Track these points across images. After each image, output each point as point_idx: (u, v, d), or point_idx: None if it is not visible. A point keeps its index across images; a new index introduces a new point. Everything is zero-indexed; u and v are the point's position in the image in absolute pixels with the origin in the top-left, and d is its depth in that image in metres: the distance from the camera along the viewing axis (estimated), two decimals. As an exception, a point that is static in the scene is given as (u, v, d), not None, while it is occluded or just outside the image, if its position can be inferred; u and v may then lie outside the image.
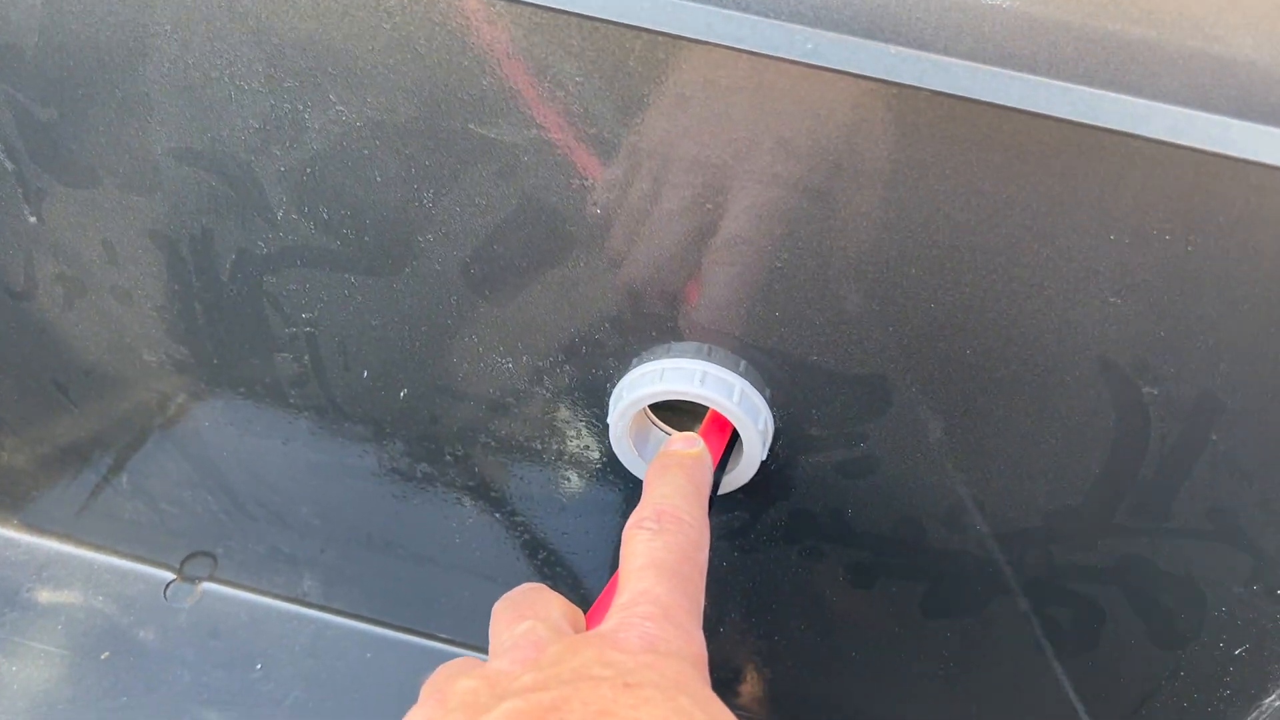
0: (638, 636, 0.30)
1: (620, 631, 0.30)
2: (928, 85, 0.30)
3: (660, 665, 0.28)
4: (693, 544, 0.34)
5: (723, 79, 0.34)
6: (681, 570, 0.33)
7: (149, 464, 0.56)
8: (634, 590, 0.32)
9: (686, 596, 0.32)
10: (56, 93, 0.40)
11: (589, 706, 0.26)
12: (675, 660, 0.29)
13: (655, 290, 0.40)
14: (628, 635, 0.30)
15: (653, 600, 0.31)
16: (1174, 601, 0.45)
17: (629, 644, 0.29)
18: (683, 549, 0.34)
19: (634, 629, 0.30)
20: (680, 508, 0.35)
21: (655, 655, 0.29)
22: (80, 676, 0.58)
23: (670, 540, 0.34)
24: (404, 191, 0.39)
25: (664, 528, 0.34)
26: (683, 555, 0.33)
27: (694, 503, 0.36)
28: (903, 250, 0.36)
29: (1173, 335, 0.36)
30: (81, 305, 0.48)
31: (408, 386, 0.47)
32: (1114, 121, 0.30)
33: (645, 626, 0.30)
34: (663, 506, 0.35)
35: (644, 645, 0.29)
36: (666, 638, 0.30)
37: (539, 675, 0.28)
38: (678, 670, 0.29)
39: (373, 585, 0.59)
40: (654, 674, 0.28)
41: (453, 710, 0.29)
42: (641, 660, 0.28)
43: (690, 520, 0.35)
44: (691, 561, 0.33)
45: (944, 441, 0.42)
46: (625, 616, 0.31)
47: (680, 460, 0.39)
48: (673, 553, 0.33)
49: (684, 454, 0.39)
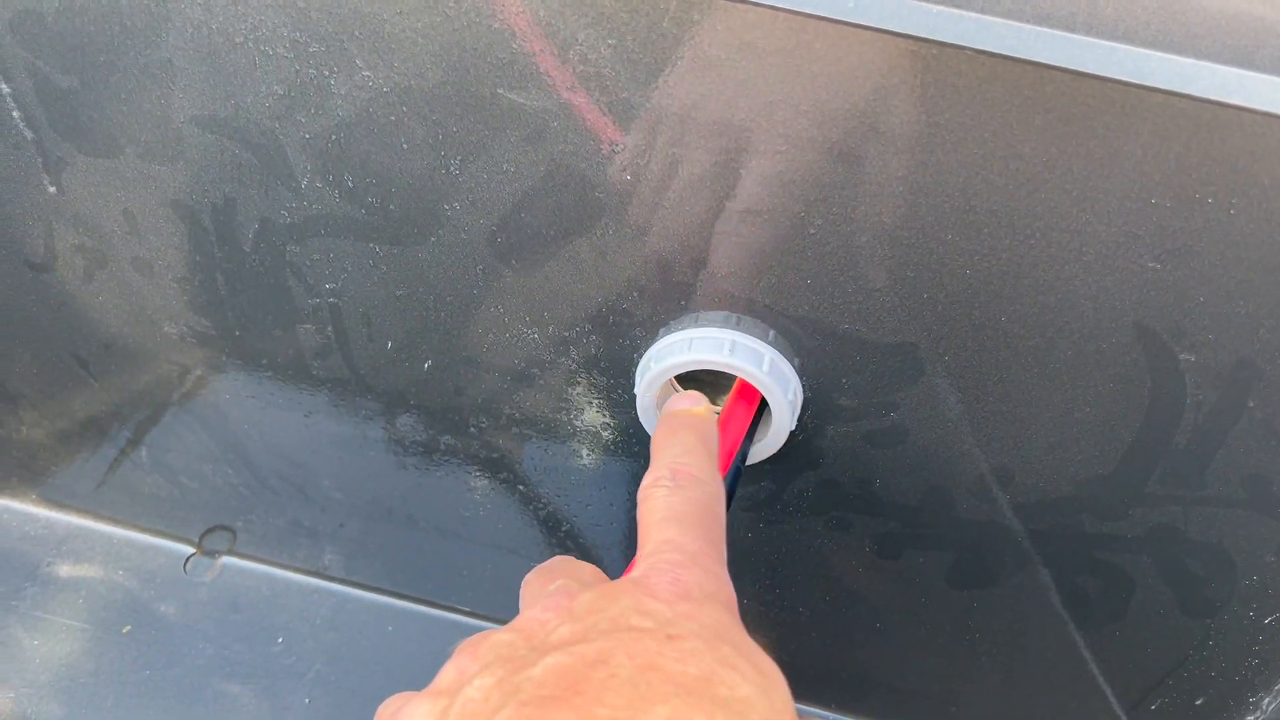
0: (669, 582, 0.29)
1: (651, 577, 0.30)
2: (971, 44, 0.30)
3: (698, 614, 0.28)
4: (711, 496, 0.34)
5: (758, 40, 0.33)
6: (703, 521, 0.33)
7: (169, 438, 0.56)
8: (657, 539, 0.31)
9: (710, 544, 0.32)
10: (77, 60, 0.39)
11: (635, 659, 0.26)
12: (711, 606, 0.29)
13: (684, 258, 0.40)
14: (659, 581, 0.29)
15: (677, 547, 0.31)
16: (1204, 570, 0.45)
17: (662, 591, 0.29)
18: (701, 502, 0.33)
19: (664, 574, 0.30)
20: (693, 465, 0.35)
21: (690, 602, 0.29)
22: (101, 650, 0.58)
23: (688, 494, 0.34)
24: (430, 159, 0.39)
25: (680, 484, 0.34)
26: (702, 508, 0.33)
27: (706, 460, 0.36)
28: (938, 215, 0.36)
29: (1212, 301, 0.36)
30: (102, 277, 0.47)
31: (432, 358, 0.46)
32: (1161, 81, 0.30)
33: (675, 572, 0.30)
34: (676, 465, 0.35)
35: (677, 592, 0.29)
36: (698, 582, 0.30)
37: (576, 626, 0.28)
38: (715, 617, 0.28)
39: (394, 558, 0.59)
40: (694, 624, 0.28)
41: (489, 664, 0.28)
42: (679, 609, 0.28)
43: (705, 477, 0.35)
44: (711, 513, 0.33)
45: (975, 410, 0.41)
46: (653, 563, 0.30)
47: (688, 420, 0.38)
48: (692, 505, 0.33)
49: (691, 412, 0.39)
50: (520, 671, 0.27)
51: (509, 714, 0.26)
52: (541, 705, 0.25)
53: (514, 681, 0.27)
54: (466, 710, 0.27)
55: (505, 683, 0.27)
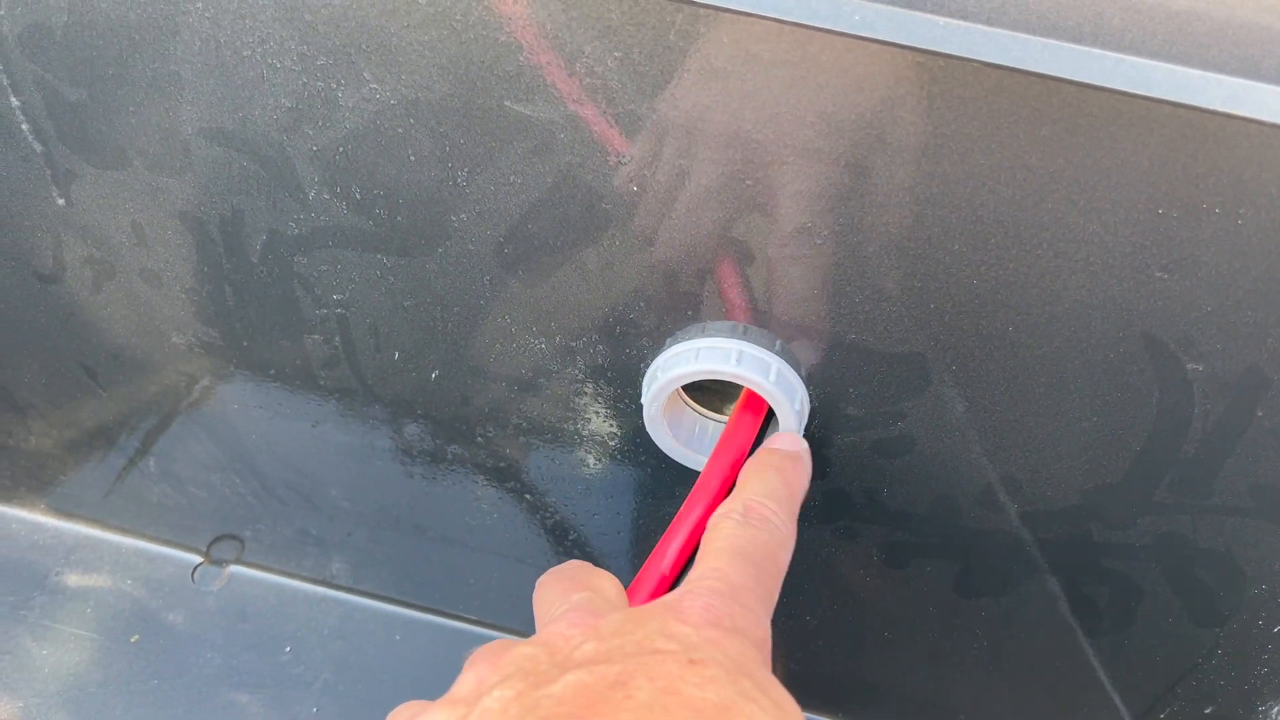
0: (702, 608, 0.29)
1: (685, 601, 0.29)
2: (978, 57, 0.30)
3: (724, 642, 0.28)
4: (777, 543, 0.34)
5: (765, 52, 0.33)
6: (759, 562, 0.32)
7: (177, 447, 0.56)
8: (706, 567, 0.31)
9: (759, 584, 0.32)
10: (86, 73, 0.39)
11: (655, 683, 0.26)
12: (739, 639, 0.29)
13: (690, 269, 0.40)
14: (691, 605, 0.29)
15: (721, 577, 0.31)
16: (1213, 579, 0.44)
17: (692, 615, 0.29)
18: (766, 545, 0.33)
19: (699, 599, 0.29)
20: (770, 508, 0.35)
21: (718, 630, 0.28)
22: (110, 660, 0.58)
23: (755, 535, 0.33)
24: (438, 170, 0.39)
25: (749, 522, 0.34)
26: (765, 551, 0.33)
27: (785, 507, 0.36)
28: (945, 226, 0.36)
29: (1220, 310, 0.36)
30: (110, 288, 0.48)
31: (439, 368, 0.46)
32: (1168, 92, 0.30)
33: (710, 599, 0.30)
34: (751, 503, 0.35)
35: (707, 618, 0.29)
36: (731, 613, 0.29)
37: (601, 645, 0.28)
38: (741, 649, 0.28)
39: (402, 567, 0.59)
40: (718, 651, 0.28)
41: (510, 676, 0.28)
42: (705, 635, 0.28)
43: (778, 522, 0.35)
44: (771, 557, 0.33)
45: (983, 420, 0.41)
46: (691, 588, 0.30)
47: (780, 462, 0.38)
48: (754, 545, 0.33)
49: (785, 454, 0.39)
50: (541, 687, 0.27)
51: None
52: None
53: (534, 696, 0.27)
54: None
55: (525, 696, 0.27)
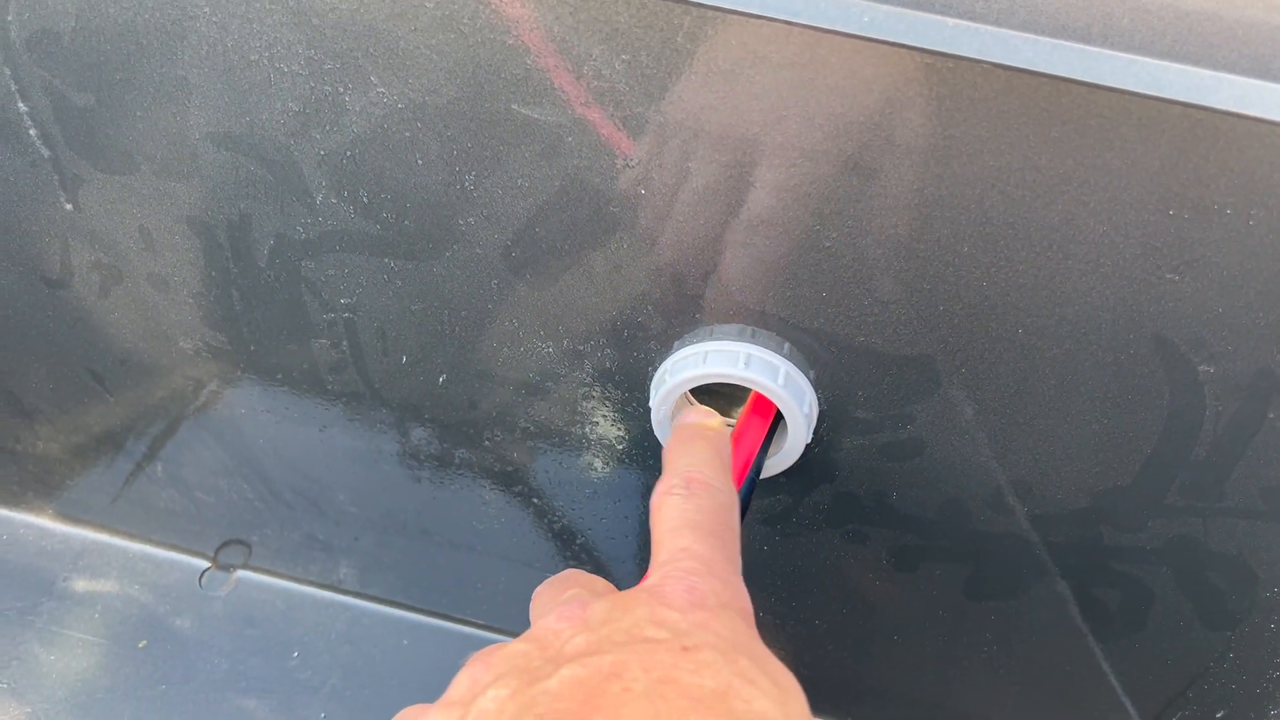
0: (684, 590, 0.29)
1: (666, 586, 0.29)
2: (987, 58, 0.30)
3: (713, 623, 0.28)
4: (724, 506, 0.34)
5: (773, 54, 0.33)
6: (716, 530, 0.32)
7: (184, 452, 0.56)
8: (672, 548, 0.31)
9: (725, 553, 0.32)
10: (93, 78, 0.40)
11: (650, 673, 0.26)
12: (726, 615, 0.29)
13: (698, 272, 0.40)
14: (674, 589, 0.29)
15: (693, 555, 0.31)
16: (1225, 582, 0.44)
17: (676, 600, 0.29)
18: (715, 511, 0.33)
19: (680, 582, 0.29)
20: (707, 474, 0.35)
21: (705, 611, 0.28)
22: (118, 665, 0.58)
23: (702, 502, 0.33)
24: (445, 174, 0.39)
25: (693, 492, 0.34)
26: (716, 516, 0.33)
27: (720, 470, 0.36)
28: (955, 227, 0.36)
29: (1231, 312, 0.36)
30: (118, 293, 0.48)
31: (447, 372, 0.46)
32: (1178, 93, 0.30)
33: (690, 580, 0.29)
34: (690, 474, 0.35)
35: (692, 601, 0.29)
36: (713, 590, 0.29)
37: (591, 636, 0.28)
38: (731, 627, 0.28)
39: (409, 572, 0.59)
40: (709, 634, 0.27)
41: (504, 675, 0.28)
42: (694, 619, 0.28)
43: (719, 485, 0.35)
44: (724, 522, 0.33)
45: (992, 422, 0.41)
46: (668, 571, 0.30)
47: (701, 431, 0.38)
48: (705, 514, 0.33)
49: (705, 424, 0.39)
50: (535, 684, 0.27)
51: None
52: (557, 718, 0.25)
53: (529, 694, 0.27)
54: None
55: (520, 694, 0.27)
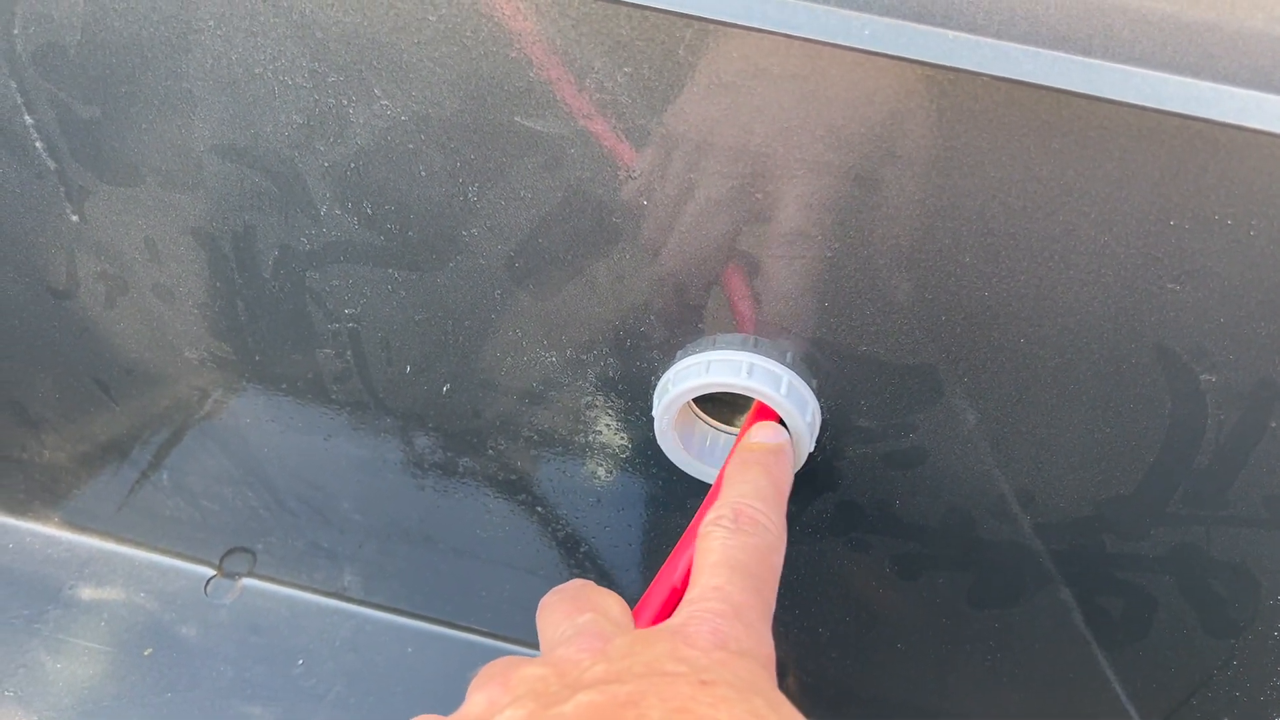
0: (709, 632, 0.29)
1: (690, 625, 0.30)
2: (987, 70, 0.30)
3: (733, 664, 0.28)
4: (769, 547, 0.34)
5: (774, 67, 0.33)
6: (756, 571, 0.32)
7: (189, 461, 0.56)
8: (705, 585, 0.31)
9: (759, 597, 0.32)
10: (99, 90, 0.40)
11: (667, 703, 0.26)
12: (747, 660, 0.29)
13: (700, 281, 0.40)
14: (698, 629, 0.29)
15: (724, 597, 0.31)
16: (1227, 590, 0.44)
17: (699, 640, 0.29)
18: (759, 550, 0.33)
19: (705, 624, 0.30)
20: (758, 509, 0.35)
21: (727, 653, 0.29)
22: (124, 673, 0.58)
23: (746, 541, 0.33)
24: (448, 186, 0.39)
25: (740, 527, 0.34)
26: (758, 557, 0.33)
27: (773, 505, 0.36)
28: (956, 238, 0.36)
29: (1232, 321, 0.36)
30: (123, 303, 0.48)
31: (450, 381, 0.47)
32: (1179, 105, 0.30)
33: (716, 623, 0.30)
34: (740, 506, 0.35)
35: (715, 642, 0.29)
36: (737, 636, 0.30)
37: (610, 667, 0.28)
38: (750, 670, 0.28)
39: (413, 580, 0.59)
40: (728, 672, 0.28)
41: (521, 697, 0.28)
42: (714, 658, 0.28)
43: (768, 524, 0.35)
44: (766, 564, 0.33)
45: (995, 431, 0.41)
46: (695, 610, 0.30)
47: (762, 456, 0.38)
48: (748, 553, 0.33)
49: (766, 447, 0.39)
50: (552, 707, 0.27)
51: None
52: None
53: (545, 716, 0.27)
54: None
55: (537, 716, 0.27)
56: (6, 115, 0.41)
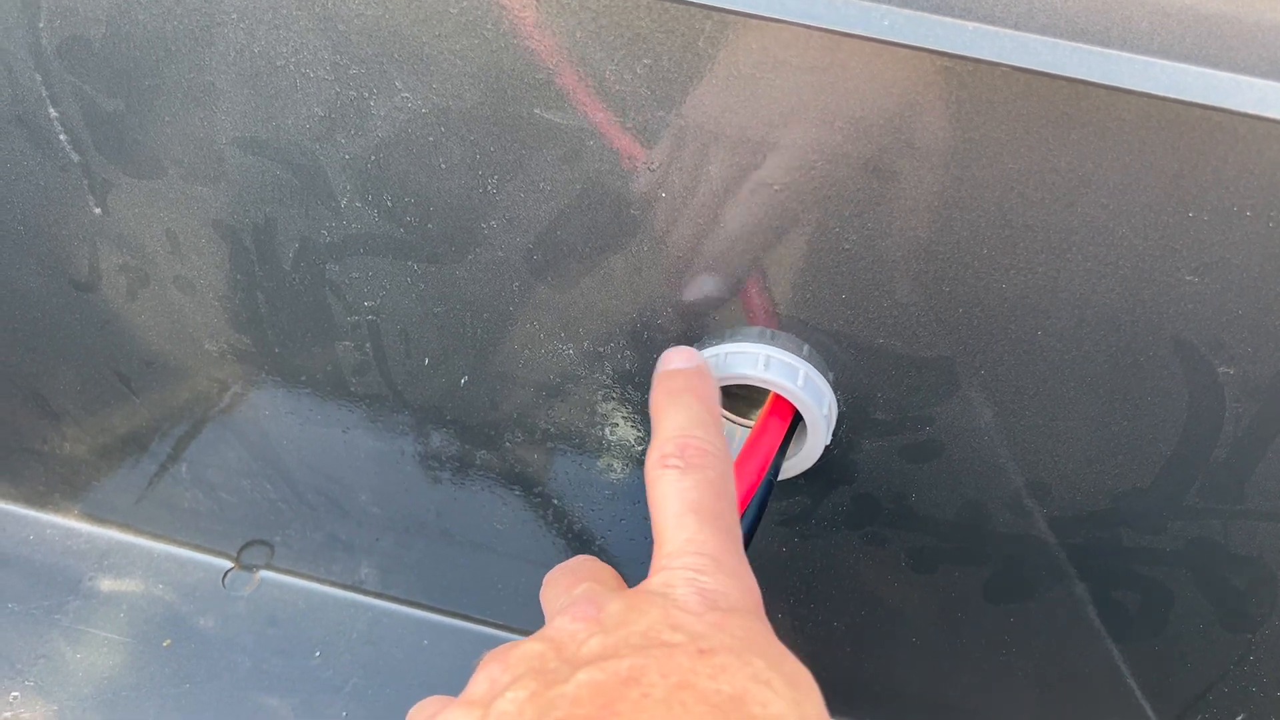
0: (695, 593, 0.29)
1: (677, 588, 0.29)
2: (1006, 61, 0.30)
3: (728, 624, 0.28)
4: (721, 476, 0.33)
5: (793, 58, 0.33)
6: (717, 509, 0.32)
7: (208, 453, 0.56)
8: (677, 540, 0.31)
9: (730, 536, 0.31)
10: (123, 83, 0.40)
11: (668, 678, 0.26)
12: (739, 615, 0.29)
13: (718, 274, 0.40)
14: (685, 593, 0.29)
15: (699, 549, 0.30)
16: (1244, 584, 0.44)
17: (689, 603, 0.29)
18: (713, 484, 0.32)
19: (690, 585, 0.29)
20: (700, 437, 0.33)
21: (719, 613, 0.28)
22: (143, 664, 0.59)
23: (700, 477, 0.32)
24: (468, 178, 0.39)
25: (690, 463, 0.33)
26: (715, 492, 0.32)
27: (712, 429, 0.34)
28: (974, 230, 0.36)
29: (1251, 313, 0.36)
30: (144, 296, 0.48)
31: (468, 373, 0.47)
32: (1198, 95, 0.30)
33: (700, 581, 0.29)
34: (684, 440, 0.33)
35: (704, 603, 0.29)
36: (725, 591, 0.29)
37: (607, 640, 0.28)
38: (745, 626, 0.28)
39: (430, 572, 0.59)
40: (725, 636, 0.28)
41: (521, 676, 0.28)
42: (708, 620, 0.28)
43: (713, 449, 0.33)
44: (724, 497, 0.32)
45: (1012, 424, 0.41)
46: (676, 571, 0.30)
47: (687, 380, 0.37)
48: (704, 491, 0.32)
49: (688, 371, 0.38)
50: (553, 686, 0.27)
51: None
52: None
53: (548, 696, 0.27)
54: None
55: (539, 697, 0.27)
56: (31, 108, 0.42)
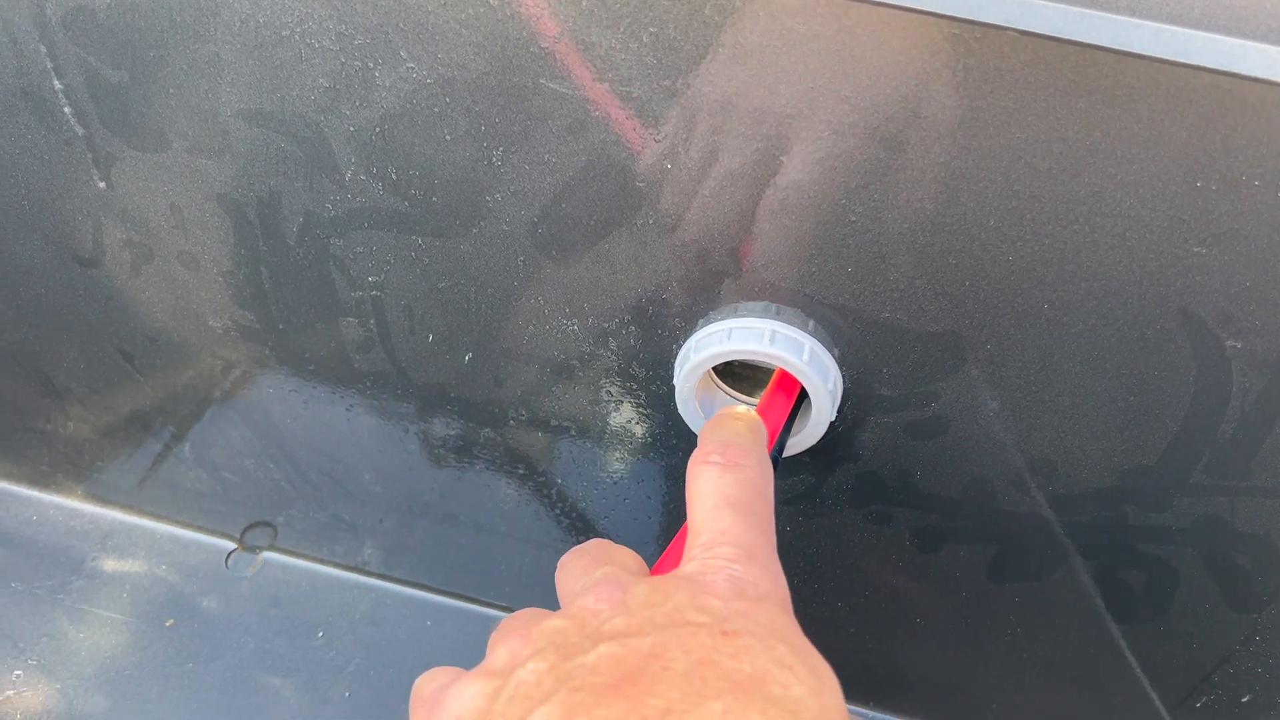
0: (725, 580, 0.29)
1: (707, 575, 0.30)
2: (1014, 25, 0.30)
3: (754, 611, 0.28)
4: (762, 478, 0.34)
5: (799, 26, 0.33)
6: (754, 507, 0.32)
7: (212, 433, 0.56)
8: (713, 531, 0.31)
9: (764, 535, 0.32)
10: (128, 55, 0.40)
11: (690, 655, 0.26)
12: (767, 605, 0.29)
13: (723, 248, 0.40)
14: (715, 579, 0.29)
15: (733, 540, 0.31)
16: (1251, 563, 0.44)
17: (718, 588, 0.29)
18: (753, 484, 0.33)
19: (721, 572, 0.30)
20: (743, 447, 0.35)
21: (746, 600, 0.29)
22: (145, 643, 0.59)
23: (739, 476, 0.33)
24: (473, 150, 0.39)
25: (731, 462, 0.34)
26: (754, 491, 0.33)
27: (756, 444, 0.36)
28: (981, 201, 0.36)
29: (1259, 286, 0.35)
30: (148, 271, 0.48)
31: (472, 350, 0.47)
32: (1207, 60, 0.30)
33: (732, 570, 0.30)
34: (727, 442, 0.35)
35: (733, 590, 0.29)
36: (754, 580, 0.30)
37: (630, 619, 0.28)
38: (771, 616, 0.28)
39: (433, 553, 0.59)
40: (750, 621, 0.28)
41: (542, 649, 0.28)
42: (734, 606, 0.28)
43: (755, 459, 0.35)
44: (762, 497, 0.33)
45: (1018, 400, 0.41)
46: (708, 559, 0.30)
47: (736, 414, 0.39)
48: (744, 489, 0.33)
49: (740, 412, 0.39)
50: (573, 658, 0.27)
51: (562, 698, 0.26)
52: (595, 692, 0.26)
53: (566, 668, 0.27)
54: (519, 692, 0.27)
55: (558, 668, 0.27)
56: (36, 80, 0.42)
